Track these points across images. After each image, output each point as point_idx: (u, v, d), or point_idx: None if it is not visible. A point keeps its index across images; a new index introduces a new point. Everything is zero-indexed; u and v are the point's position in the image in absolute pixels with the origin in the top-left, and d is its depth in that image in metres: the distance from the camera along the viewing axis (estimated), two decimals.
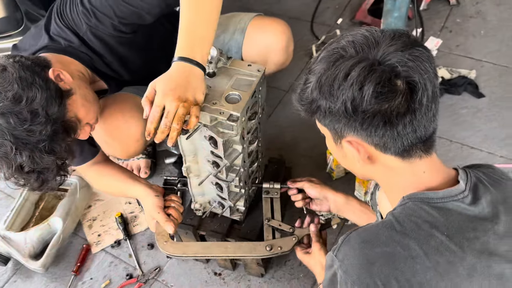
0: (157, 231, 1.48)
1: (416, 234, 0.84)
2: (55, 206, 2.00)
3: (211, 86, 1.25)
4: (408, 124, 0.82)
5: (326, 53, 0.86)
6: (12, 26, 1.95)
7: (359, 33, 0.85)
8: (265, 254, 1.42)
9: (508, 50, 2.24)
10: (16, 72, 1.15)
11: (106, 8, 1.36)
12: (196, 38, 1.19)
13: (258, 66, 1.31)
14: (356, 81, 0.79)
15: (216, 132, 1.23)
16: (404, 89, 0.79)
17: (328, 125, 0.90)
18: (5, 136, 1.11)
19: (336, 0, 2.67)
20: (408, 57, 0.80)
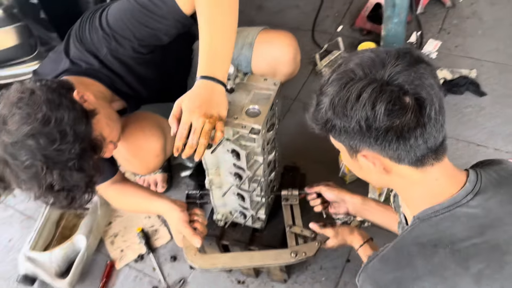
0: (185, 245, 1.53)
1: (421, 254, 0.90)
2: (76, 225, 2.05)
3: (231, 102, 1.31)
4: (419, 137, 0.87)
5: (336, 76, 0.92)
6: (25, 52, 2.01)
7: (366, 55, 0.91)
8: (291, 261, 1.47)
9: (506, 48, 2.31)
10: (44, 95, 1.20)
11: (126, 31, 1.42)
12: (217, 57, 1.26)
13: (273, 80, 1.37)
14: (368, 101, 0.85)
15: (238, 145, 1.29)
16: (413, 105, 0.85)
17: (344, 142, 0.96)
18: (36, 157, 1.15)
19: (335, 8, 2.74)
20: (414, 75, 0.86)
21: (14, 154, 1.16)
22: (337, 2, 2.77)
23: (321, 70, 2.38)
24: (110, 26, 1.43)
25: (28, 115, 1.16)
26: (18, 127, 1.15)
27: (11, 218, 2.17)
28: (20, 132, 1.15)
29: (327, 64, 2.40)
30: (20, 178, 1.20)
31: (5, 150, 1.17)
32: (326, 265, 1.75)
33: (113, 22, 1.43)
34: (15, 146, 1.16)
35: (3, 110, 1.19)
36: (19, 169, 1.18)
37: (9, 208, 2.21)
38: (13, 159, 1.17)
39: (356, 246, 1.45)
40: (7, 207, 2.21)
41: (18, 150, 1.16)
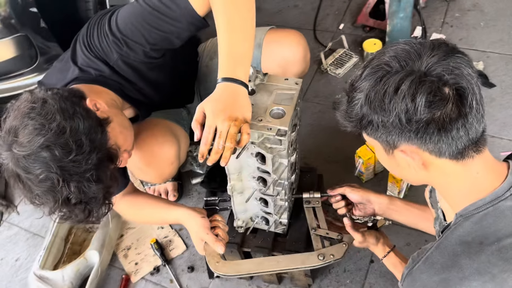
0: (207, 253, 1.48)
1: (467, 253, 0.87)
2: (86, 239, 1.98)
3: (253, 104, 1.26)
4: (461, 128, 0.84)
5: (370, 70, 0.88)
6: (25, 64, 1.94)
7: (399, 47, 0.88)
8: (319, 264, 1.42)
9: (510, 38, 2.31)
10: (56, 104, 1.14)
11: (137, 36, 1.37)
12: (237, 58, 1.21)
13: (295, 79, 1.33)
14: (407, 93, 0.82)
15: (264, 148, 1.24)
16: (454, 96, 0.82)
17: (380, 138, 0.92)
18: (51, 169, 1.09)
19: (334, 6, 2.72)
20: (452, 64, 0.83)
21: (27, 168, 1.10)
22: (337, 0, 2.75)
23: (326, 69, 2.35)
24: (120, 30, 1.37)
25: (41, 125, 1.10)
26: (31, 138, 1.09)
27: (16, 236, 2.09)
28: (34, 144, 1.08)
29: (332, 63, 2.37)
30: (34, 193, 1.13)
31: (17, 163, 1.10)
32: (349, 267, 1.71)
33: (124, 27, 1.37)
34: (28, 159, 1.09)
35: (14, 122, 1.12)
36: (33, 183, 1.11)
37: (13, 226, 2.13)
38: (26, 172, 1.10)
39: (380, 256, 1.41)
40: (11, 225, 2.13)
41: (32, 163, 1.09)
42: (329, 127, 2.15)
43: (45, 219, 2.09)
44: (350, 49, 2.43)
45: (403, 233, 1.73)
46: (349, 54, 2.40)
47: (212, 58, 1.84)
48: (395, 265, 1.39)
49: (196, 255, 1.85)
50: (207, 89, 1.90)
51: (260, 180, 1.38)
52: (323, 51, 2.37)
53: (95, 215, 1.22)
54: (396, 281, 1.65)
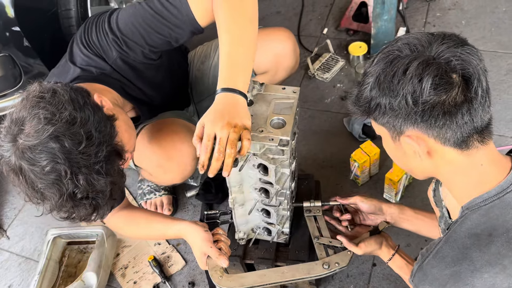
0: (210, 267, 1.45)
1: (477, 245, 0.88)
2: (80, 260, 1.94)
3: (253, 115, 1.25)
4: (466, 113, 0.85)
5: (381, 56, 0.92)
6: (9, 84, 1.89)
7: (412, 36, 0.91)
8: (324, 273, 1.41)
9: (492, 35, 2.35)
10: (67, 94, 1.12)
11: (137, 37, 1.37)
12: (238, 68, 1.20)
13: (292, 88, 1.32)
14: (415, 74, 0.85)
15: (266, 159, 1.22)
16: (460, 81, 0.84)
17: (387, 123, 0.93)
18: (58, 160, 1.05)
19: (317, 11, 2.73)
20: (461, 51, 0.86)
21: (33, 159, 1.06)
22: (318, 5, 2.76)
23: (314, 74, 2.35)
24: (120, 30, 1.37)
25: (52, 114, 1.07)
26: (41, 127, 1.05)
27: (8, 262, 2.03)
28: (43, 133, 1.04)
29: (319, 68, 2.37)
30: (37, 187, 1.08)
31: (22, 155, 1.06)
32: (352, 272, 1.71)
33: (124, 27, 1.37)
34: (34, 150, 1.05)
35: (22, 113, 1.08)
36: (36, 177, 1.07)
37: (3, 251, 2.07)
38: (31, 164, 1.06)
39: (385, 259, 1.40)
40: (1, 251, 2.07)
41: (38, 154, 1.05)
42: (320, 131, 2.15)
43: (37, 242, 2.05)
44: (336, 53, 2.44)
45: (403, 234, 1.73)
46: (335, 58, 2.41)
47: (203, 62, 1.85)
48: (400, 267, 1.39)
49: (196, 270, 1.83)
50: (200, 93, 1.90)
51: (262, 191, 1.36)
52: (310, 56, 2.38)
53: (100, 211, 1.18)
54: (399, 282, 1.66)
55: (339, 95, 2.28)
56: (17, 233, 2.10)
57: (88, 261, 1.79)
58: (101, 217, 1.20)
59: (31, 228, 2.11)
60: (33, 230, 2.09)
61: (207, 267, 1.47)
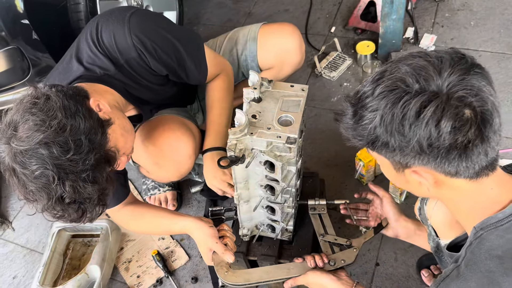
0: (215, 262, 1.45)
1: (502, 269, 0.84)
2: (84, 254, 1.95)
3: (260, 111, 1.25)
4: (482, 152, 0.82)
5: (384, 88, 0.83)
6: (17, 77, 1.90)
7: (416, 62, 0.83)
8: (330, 269, 1.41)
9: (500, 37, 2.33)
10: (60, 101, 1.13)
11: (164, 61, 1.46)
12: (220, 132, 1.57)
13: (301, 85, 1.32)
14: (432, 119, 0.78)
15: (273, 157, 1.22)
16: (478, 119, 0.79)
17: (392, 158, 0.89)
18: (47, 166, 1.07)
19: (325, 10, 2.72)
20: (475, 84, 0.80)
21: (24, 163, 1.08)
22: (326, 4, 2.75)
23: (320, 72, 2.35)
24: (157, 44, 1.41)
25: (42, 121, 1.08)
26: (31, 134, 1.07)
27: (12, 253, 2.04)
28: (32, 139, 1.07)
29: (326, 66, 2.37)
30: (28, 189, 1.11)
31: (15, 158, 1.08)
32: (355, 271, 1.71)
33: (161, 44, 1.43)
34: (25, 155, 1.07)
35: (15, 116, 1.11)
36: (27, 179, 1.09)
37: (8, 243, 2.08)
38: (22, 168, 1.08)
39: None
40: (7, 242, 2.08)
41: (29, 159, 1.07)
42: (326, 130, 2.15)
43: (41, 235, 2.06)
44: (343, 52, 2.43)
45: None
46: (343, 57, 2.41)
47: None
48: None
49: (199, 265, 1.83)
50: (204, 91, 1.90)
51: (268, 188, 1.36)
52: (317, 55, 2.37)
53: (88, 215, 1.20)
54: (402, 282, 1.66)
55: (345, 94, 2.26)
56: (22, 225, 2.12)
57: (92, 254, 1.80)
58: (90, 220, 1.22)
59: (36, 220, 2.12)
60: (38, 222, 2.11)
61: (212, 262, 1.47)
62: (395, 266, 1.70)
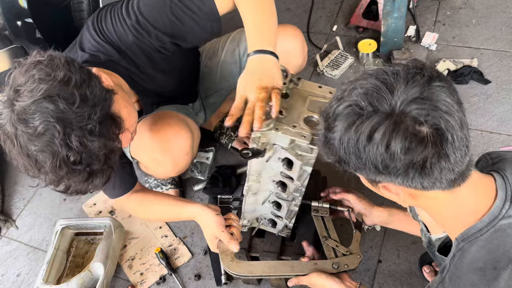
0: (221, 250, 1.46)
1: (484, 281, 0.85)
2: (88, 251, 1.96)
3: (287, 108, 1.24)
4: (444, 168, 0.80)
5: (342, 109, 0.83)
6: None
7: (370, 83, 0.82)
8: (333, 272, 1.41)
9: (502, 35, 2.33)
10: (63, 59, 1.12)
11: (159, 23, 1.40)
12: (264, 32, 1.32)
13: (329, 88, 1.30)
14: (381, 142, 0.78)
15: (294, 155, 1.21)
16: (433, 138, 0.77)
17: (361, 175, 0.90)
18: (50, 119, 1.03)
19: (326, 8, 2.73)
20: (428, 103, 0.77)
21: (26, 120, 1.04)
22: (328, 2, 2.75)
23: (322, 70, 2.36)
24: (143, 15, 1.39)
25: (47, 74, 1.06)
26: (35, 86, 1.04)
27: (16, 251, 2.05)
28: (37, 92, 1.03)
29: (328, 64, 2.38)
30: (31, 152, 1.06)
31: (17, 118, 1.04)
32: (358, 268, 1.69)
33: (147, 13, 1.39)
34: (28, 111, 1.03)
35: (18, 78, 1.07)
36: (30, 139, 1.05)
37: (12, 241, 2.09)
38: (25, 126, 1.04)
39: None
40: (10, 240, 2.10)
41: (32, 114, 1.03)
42: None
43: (45, 233, 2.07)
44: (345, 50, 2.44)
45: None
46: (345, 55, 2.41)
47: (211, 59, 1.86)
48: None
49: (202, 263, 1.84)
50: (207, 89, 1.91)
51: (279, 184, 1.36)
52: (319, 53, 2.38)
53: (95, 180, 1.14)
54: (404, 279, 1.66)
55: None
56: (26, 223, 2.13)
57: (95, 251, 1.81)
58: (97, 187, 1.17)
59: (39, 219, 2.13)
60: (42, 221, 2.12)
61: (217, 250, 1.48)
62: (397, 263, 1.70)
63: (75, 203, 2.15)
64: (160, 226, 1.96)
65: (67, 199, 2.17)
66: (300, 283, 1.40)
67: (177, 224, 1.96)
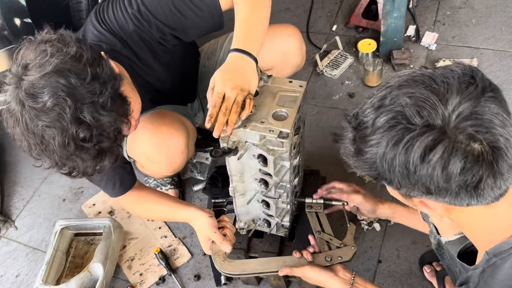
0: (213, 251, 1.47)
1: None
2: (87, 252, 1.95)
3: (256, 105, 1.26)
4: (496, 185, 0.77)
5: (384, 121, 0.76)
6: None
7: (417, 92, 0.75)
8: (326, 265, 1.41)
9: (502, 34, 2.33)
10: (74, 37, 1.12)
11: (160, 14, 1.40)
12: (251, 33, 1.32)
13: (299, 82, 1.33)
14: (439, 163, 0.73)
15: (266, 150, 1.23)
16: (488, 156, 0.73)
17: (399, 191, 0.84)
18: (61, 94, 1.01)
19: (326, 8, 2.72)
20: (486, 115, 0.72)
21: (35, 95, 1.01)
22: (327, 2, 2.75)
23: (322, 70, 2.35)
24: (145, 5, 1.39)
25: (59, 49, 1.05)
26: (45, 61, 1.02)
27: (15, 252, 2.05)
28: (48, 66, 1.01)
29: (327, 64, 2.37)
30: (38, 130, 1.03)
31: (24, 94, 1.01)
32: (357, 268, 1.70)
33: (149, 3, 1.40)
34: (37, 85, 1.01)
35: (28, 54, 1.05)
36: (36, 115, 1.01)
37: (11, 242, 2.09)
38: (33, 101, 1.01)
39: None
40: (10, 241, 2.09)
41: (41, 89, 1.01)
42: (328, 128, 2.15)
43: (44, 233, 2.07)
44: (344, 50, 2.44)
45: (408, 231, 1.73)
46: (344, 55, 2.41)
47: (209, 58, 1.86)
48: None
49: (201, 263, 1.84)
50: (206, 89, 1.89)
51: (262, 182, 1.37)
52: (318, 53, 2.37)
53: (104, 159, 1.12)
54: (404, 280, 1.66)
55: (347, 92, 2.27)
56: (25, 224, 2.12)
57: (95, 252, 1.80)
58: (104, 168, 1.14)
59: (39, 219, 2.13)
60: (41, 221, 2.12)
61: (210, 251, 1.48)
62: (397, 263, 1.70)
63: (74, 203, 2.15)
64: (160, 226, 1.96)
65: (66, 199, 2.17)
66: (293, 273, 1.39)
67: (177, 224, 1.96)
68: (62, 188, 2.20)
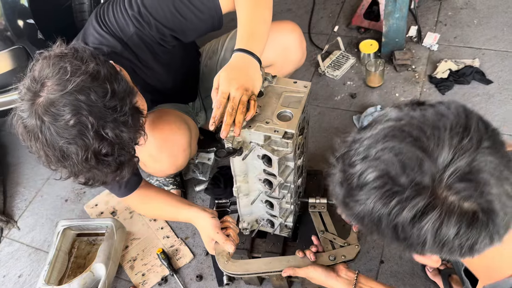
0: (217, 252, 1.46)
1: None
2: (89, 252, 1.95)
3: (261, 106, 1.26)
4: (494, 240, 0.72)
5: (370, 179, 0.70)
6: None
7: (406, 148, 0.68)
8: (329, 264, 1.41)
9: (503, 35, 2.33)
10: (88, 51, 1.13)
11: (160, 15, 1.41)
12: (254, 33, 1.31)
13: (304, 82, 1.33)
14: (430, 230, 0.68)
15: (270, 151, 1.23)
16: (484, 218, 0.69)
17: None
18: (83, 112, 1.03)
19: (328, 9, 2.73)
20: (479, 181, 0.67)
21: (56, 114, 1.03)
22: (329, 3, 2.75)
23: (324, 71, 2.35)
24: (145, 6, 1.40)
25: (77, 67, 1.06)
26: (66, 79, 1.04)
27: (18, 252, 2.05)
28: (68, 84, 1.03)
29: (329, 65, 2.38)
30: (58, 145, 1.05)
31: (44, 111, 1.03)
32: (360, 268, 1.70)
33: (150, 4, 1.40)
34: (58, 104, 1.02)
35: (44, 70, 1.06)
36: (58, 133, 1.04)
37: (14, 242, 2.09)
38: (54, 120, 1.03)
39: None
40: (12, 241, 2.09)
41: (62, 107, 1.03)
42: (330, 128, 2.15)
43: (46, 234, 2.07)
44: (346, 51, 2.44)
45: None
46: (346, 55, 2.41)
47: (210, 58, 1.87)
48: None
49: (204, 263, 1.84)
50: (207, 89, 1.91)
51: (266, 183, 1.37)
52: (320, 54, 2.37)
53: (124, 171, 1.16)
54: (407, 280, 1.65)
55: (349, 92, 2.28)
56: (28, 224, 2.13)
57: (97, 252, 1.81)
58: (124, 177, 1.18)
59: (41, 220, 2.13)
60: (44, 222, 2.12)
61: (214, 252, 1.48)
62: (400, 264, 1.70)
63: (76, 204, 2.15)
64: (162, 227, 1.96)
65: (69, 199, 2.17)
66: (296, 274, 1.39)
67: (179, 224, 1.96)
68: (65, 189, 2.21)
